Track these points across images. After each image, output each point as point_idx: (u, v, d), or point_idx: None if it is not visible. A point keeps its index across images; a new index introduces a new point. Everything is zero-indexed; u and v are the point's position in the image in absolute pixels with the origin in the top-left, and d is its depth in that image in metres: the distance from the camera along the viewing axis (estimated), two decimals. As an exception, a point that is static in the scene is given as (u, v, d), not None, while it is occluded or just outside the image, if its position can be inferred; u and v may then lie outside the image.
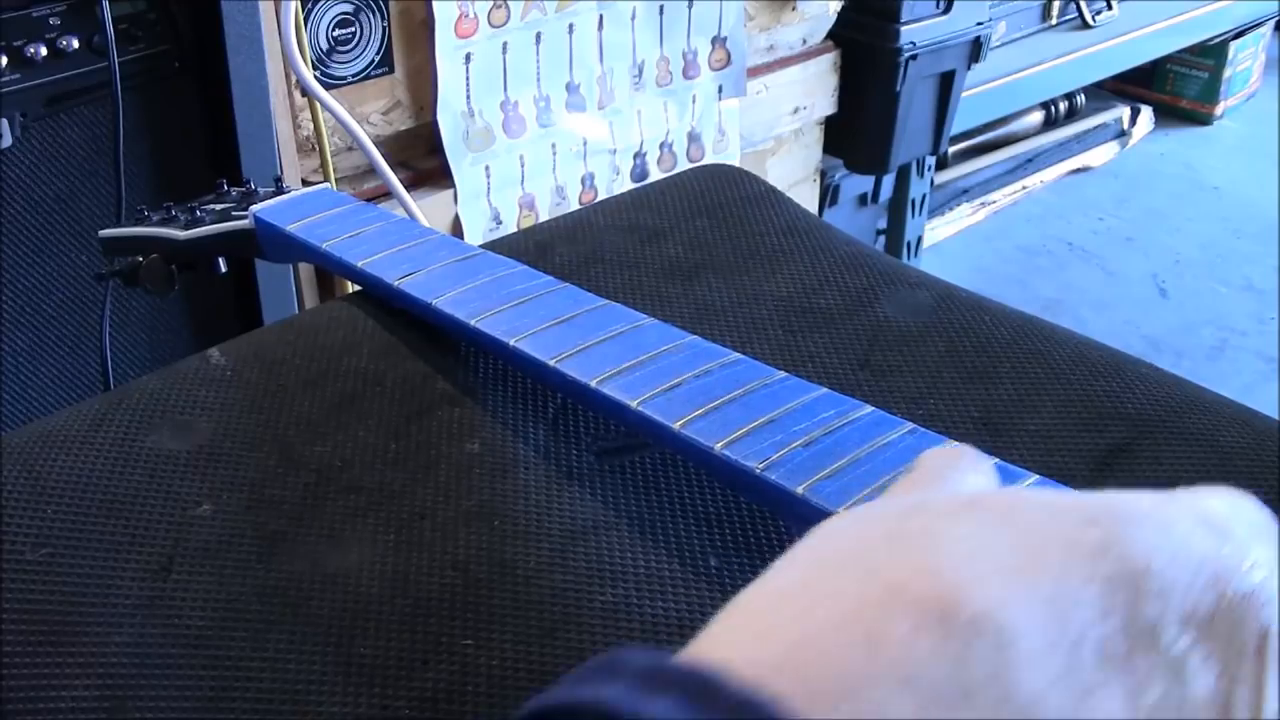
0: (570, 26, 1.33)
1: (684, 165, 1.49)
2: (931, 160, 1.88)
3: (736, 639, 0.24)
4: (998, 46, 1.91)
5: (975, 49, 1.70)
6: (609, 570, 0.40)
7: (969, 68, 1.72)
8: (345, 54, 1.17)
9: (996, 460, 0.37)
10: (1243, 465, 0.45)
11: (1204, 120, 2.52)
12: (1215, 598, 0.22)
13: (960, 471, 0.28)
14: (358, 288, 0.56)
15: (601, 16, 1.35)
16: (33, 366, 1.02)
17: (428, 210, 1.20)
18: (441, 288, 0.50)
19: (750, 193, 0.68)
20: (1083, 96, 2.35)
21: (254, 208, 0.61)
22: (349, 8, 1.16)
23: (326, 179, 1.13)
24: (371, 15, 1.18)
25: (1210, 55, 2.46)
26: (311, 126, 1.13)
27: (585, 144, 1.39)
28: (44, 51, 0.93)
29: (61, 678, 0.37)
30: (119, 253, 0.71)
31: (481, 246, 0.55)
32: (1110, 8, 2.18)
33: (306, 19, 1.12)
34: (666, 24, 1.42)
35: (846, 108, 1.68)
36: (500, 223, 1.34)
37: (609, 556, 0.41)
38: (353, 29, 1.17)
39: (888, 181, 1.89)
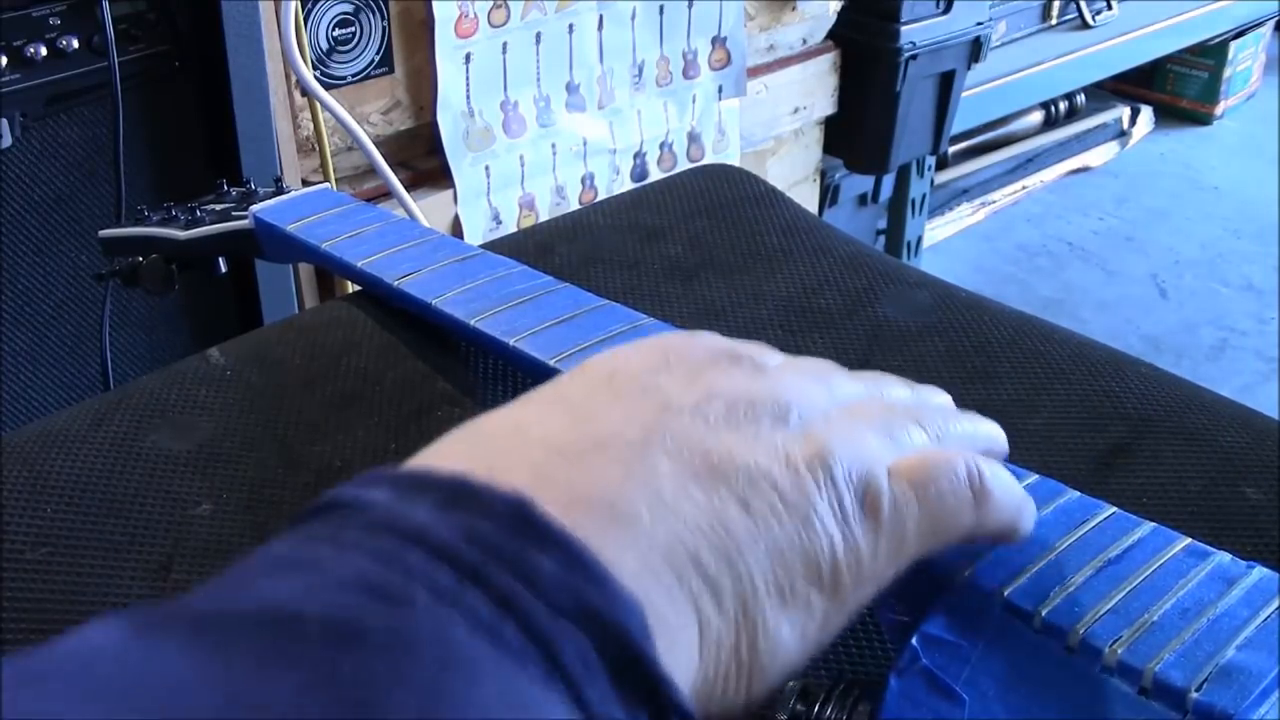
0: (570, 26, 1.33)
1: (684, 165, 1.49)
2: (931, 160, 1.88)
3: (480, 455, 0.26)
4: (998, 46, 1.91)
5: (975, 49, 1.70)
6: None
7: (969, 68, 1.72)
8: (345, 54, 1.17)
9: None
10: (1243, 465, 0.45)
11: (1204, 120, 2.52)
12: None
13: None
14: (358, 288, 0.56)
15: (601, 16, 1.35)
16: (33, 366, 1.02)
17: (428, 210, 1.20)
18: (441, 287, 0.50)
19: (750, 193, 0.68)
20: (1083, 96, 2.35)
21: (254, 208, 0.60)
22: (349, 8, 1.16)
23: (326, 179, 1.13)
24: (371, 15, 1.18)
25: (1210, 55, 2.46)
26: (311, 126, 1.13)
27: (585, 144, 1.39)
28: (44, 51, 0.93)
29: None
30: (119, 253, 0.71)
31: (481, 246, 0.55)
32: (1110, 8, 2.18)
33: (306, 19, 1.12)
34: (666, 24, 1.42)
35: (846, 108, 1.68)
36: (500, 223, 1.34)
37: (609, 556, 0.41)
38: (353, 29, 1.17)
39: (888, 181, 1.89)
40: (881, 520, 0.28)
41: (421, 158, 1.29)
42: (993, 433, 0.34)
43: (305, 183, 1.13)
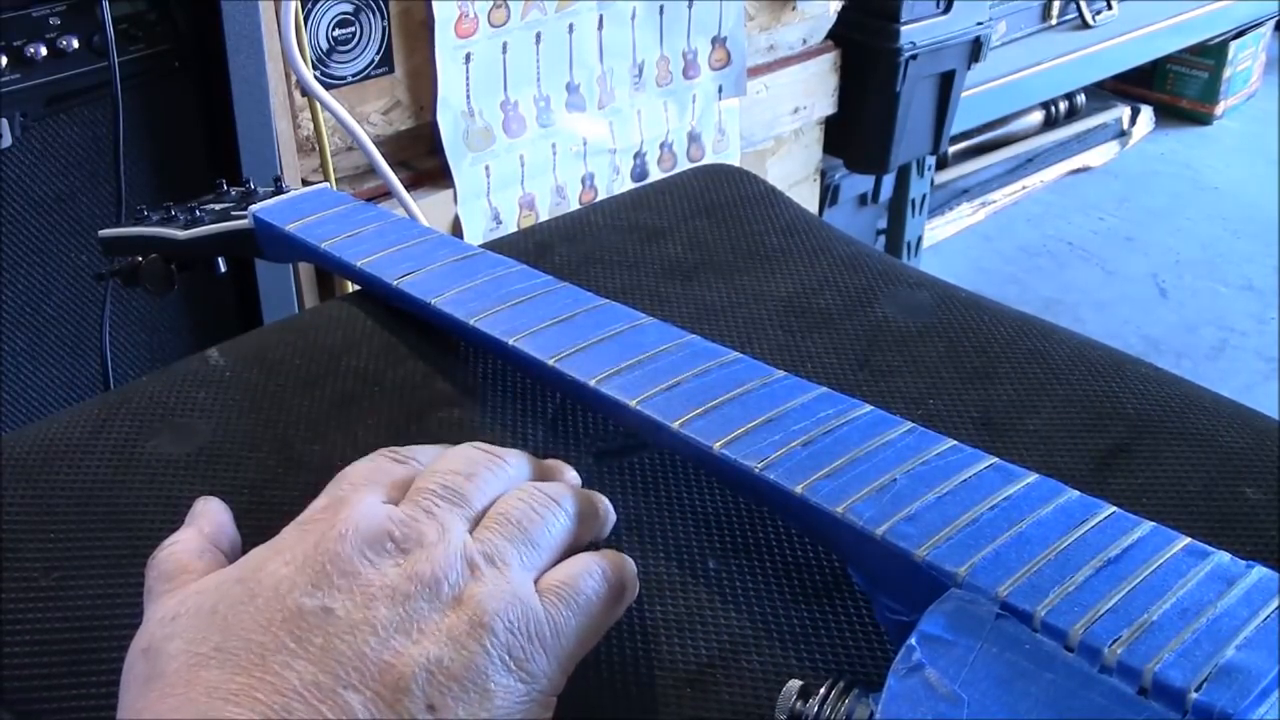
0: (570, 26, 1.33)
1: (684, 165, 1.49)
2: (931, 160, 1.89)
3: None
4: (998, 46, 1.91)
5: (975, 49, 1.70)
6: (608, 570, 0.40)
7: (969, 68, 1.72)
8: (345, 54, 1.17)
9: (997, 460, 0.37)
10: (1243, 465, 0.45)
11: (1204, 120, 2.52)
12: None
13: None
14: (358, 288, 0.56)
15: (601, 16, 1.35)
16: (33, 366, 1.02)
17: (428, 210, 1.20)
18: (440, 287, 0.50)
19: (750, 193, 0.68)
20: (1083, 96, 2.35)
21: (253, 207, 0.60)
22: (349, 8, 1.16)
23: (326, 179, 1.13)
24: (371, 15, 1.18)
25: (1210, 55, 2.46)
26: (311, 126, 1.13)
27: (585, 144, 1.39)
28: (44, 51, 0.93)
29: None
30: (119, 253, 0.71)
31: (481, 246, 0.55)
32: (1110, 8, 2.18)
33: (306, 19, 1.12)
34: (666, 24, 1.42)
35: (846, 108, 1.69)
36: (500, 222, 1.34)
37: (608, 556, 0.41)
38: (353, 29, 1.17)
39: (888, 181, 1.89)
40: (547, 643, 0.33)
41: (421, 158, 1.29)
42: (597, 500, 0.40)
43: (305, 182, 1.13)
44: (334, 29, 1.15)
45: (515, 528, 0.36)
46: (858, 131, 1.70)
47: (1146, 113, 2.48)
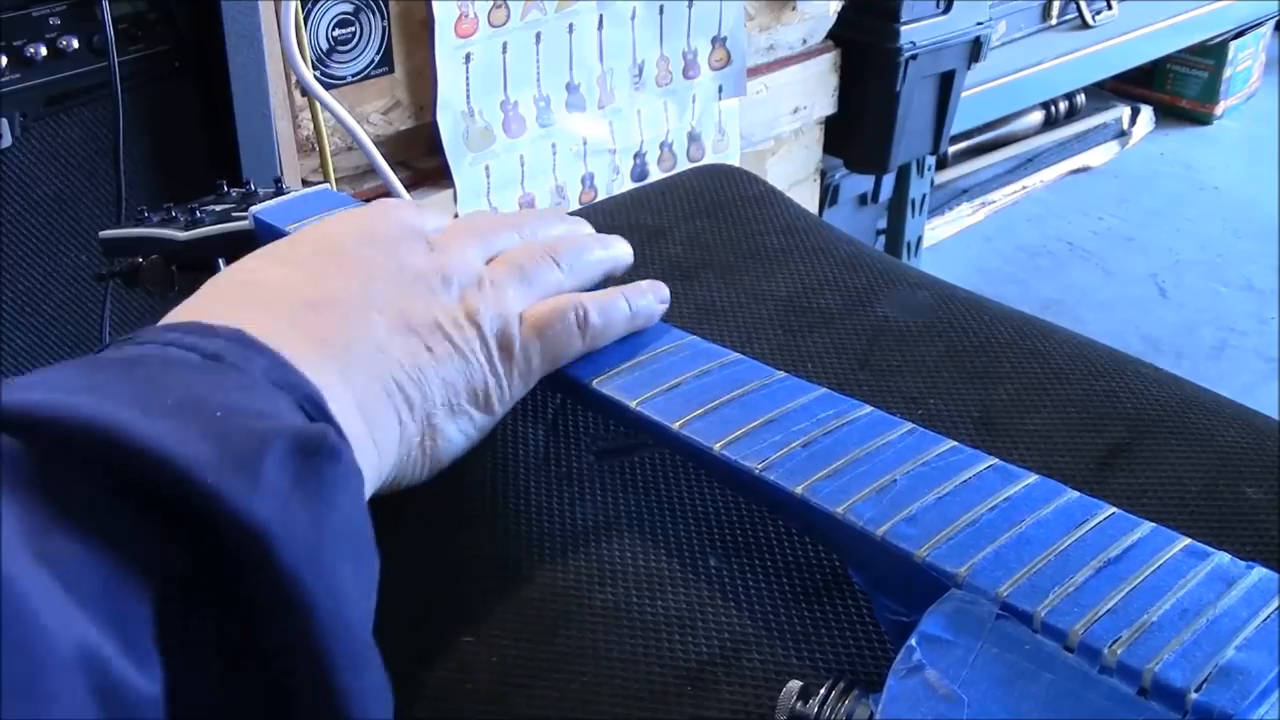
0: (570, 26, 1.33)
1: (684, 165, 1.49)
2: (931, 160, 1.89)
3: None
4: (998, 46, 1.91)
5: (975, 49, 1.70)
6: (608, 569, 0.40)
7: (969, 68, 1.72)
8: (345, 54, 1.17)
9: (996, 461, 0.37)
10: (1243, 465, 0.45)
11: (1204, 120, 2.52)
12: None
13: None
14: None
15: (601, 16, 1.35)
16: (33, 366, 1.02)
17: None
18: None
19: (750, 193, 0.68)
20: (1083, 96, 2.35)
21: (253, 208, 0.60)
22: (349, 8, 1.16)
23: (326, 179, 1.13)
24: (371, 15, 1.18)
25: (1210, 55, 2.46)
26: (311, 126, 1.13)
27: (585, 144, 1.40)
28: (44, 51, 0.93)
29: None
30: (119, 253, 0.70)
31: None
32: (1110, 8, 2.18)
33: (306, 19, 1.12)
34: (666, 24, 1.42)
35: (846, 108, 1.69)
36: (500, 223, 1.34)
37: (608, 556, 0.41)
38: (353, 29, 1.17)
39: (888, 181, 1.89)
40: (514, 358, 0.42)
41: (421, 158, 1.30)
42: (616, 253, 0.49)
43: (305, 183, 1.13)
44: (334, 29, 1.15)
45: (516, 269, 0.44)
46: (858, 131, 1.71)
47: (1146, 113, 2.48)
